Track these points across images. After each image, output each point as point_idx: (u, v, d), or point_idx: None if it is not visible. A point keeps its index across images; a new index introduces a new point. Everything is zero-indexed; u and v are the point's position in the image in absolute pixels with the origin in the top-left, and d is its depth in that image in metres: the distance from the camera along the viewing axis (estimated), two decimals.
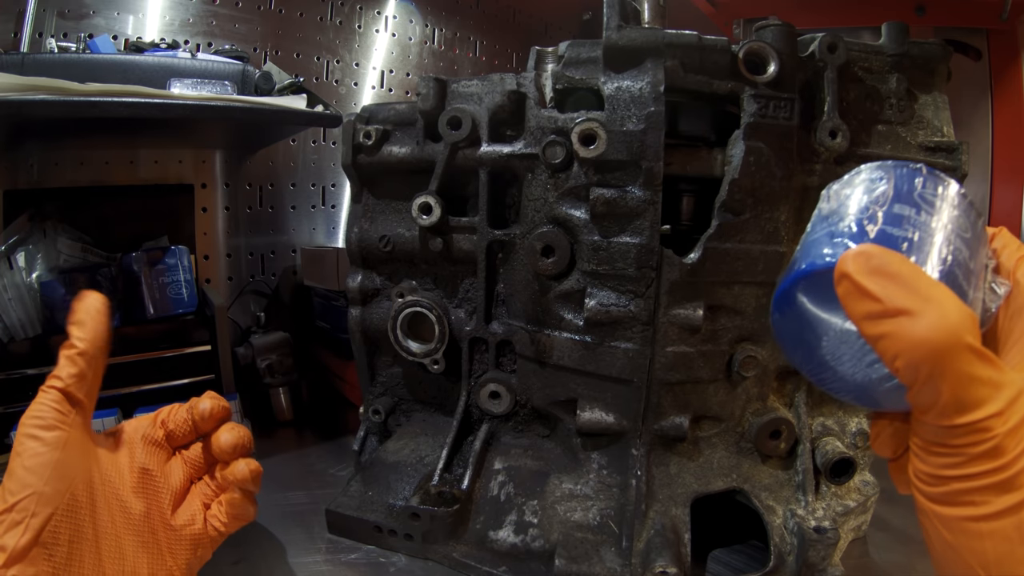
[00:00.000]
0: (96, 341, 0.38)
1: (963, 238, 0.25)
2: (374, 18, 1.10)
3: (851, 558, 0.49)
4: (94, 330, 0.38)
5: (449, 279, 0.56)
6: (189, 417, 0.45)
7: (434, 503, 0.47)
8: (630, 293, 0.45)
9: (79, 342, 0.38)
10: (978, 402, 0.22)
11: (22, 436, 0.36)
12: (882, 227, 0.24)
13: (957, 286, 0.23)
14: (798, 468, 0.48)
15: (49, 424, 0.36)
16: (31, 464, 0.35)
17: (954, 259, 0.24)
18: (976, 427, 0.21)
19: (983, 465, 0.22)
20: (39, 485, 0.35)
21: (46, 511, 0.35)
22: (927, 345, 0.21)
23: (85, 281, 0.74)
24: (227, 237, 0.98)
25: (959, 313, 0.22)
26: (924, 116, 0.51)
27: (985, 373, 0.22)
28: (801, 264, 0.26)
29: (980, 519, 0.22)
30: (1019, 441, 0.21)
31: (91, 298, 0.39)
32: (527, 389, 0.52)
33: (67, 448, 0.36)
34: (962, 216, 0.25)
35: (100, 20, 0.84)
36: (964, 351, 0.21)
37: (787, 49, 0.44)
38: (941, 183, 0.26)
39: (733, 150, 0.44)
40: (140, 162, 0.89)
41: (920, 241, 0.24)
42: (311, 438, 0.77)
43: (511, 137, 0.50)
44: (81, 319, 0.38)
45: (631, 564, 0.43)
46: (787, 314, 0.27)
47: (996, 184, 0.90)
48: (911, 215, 0.25)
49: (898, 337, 0.22)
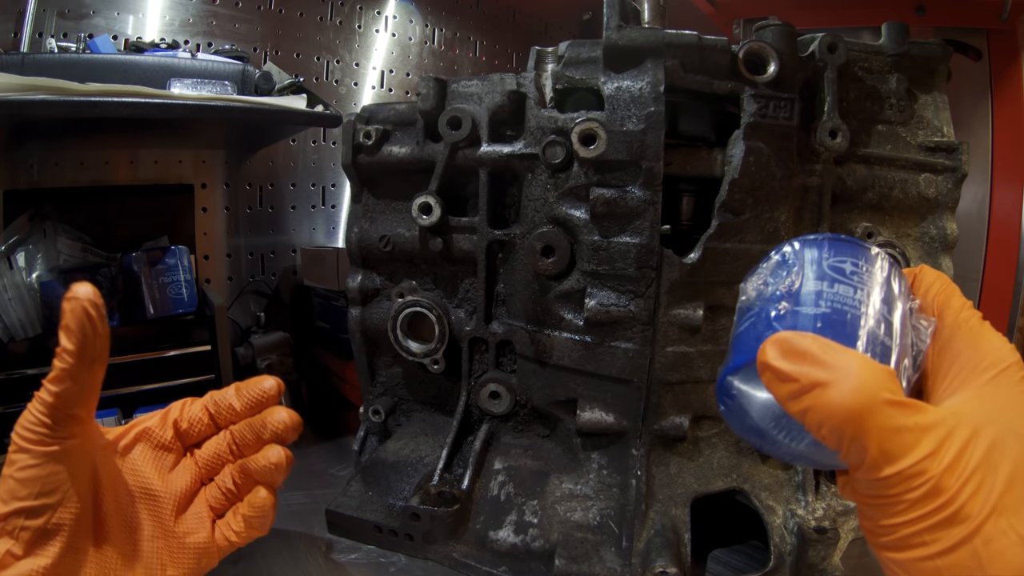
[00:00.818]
0: (87, 349, 0.34)
1: (880, 294, 0.26)
2: (374, 18, 1.10)
3: (851, 558, 0.49)
4: (82, 337, 0.33)
5: (449, 279, 0.56)
6: (205, 412, 0.43)
7: (434, 503, 0.47)
8: (630, 293, 0.45)
9: (69, 342, 0.33)
10: (905, 449, 0.22)
11: (13, 448, 0.34)
12: (795, 309, 0.27)
13: (877, 343, 0.25)
14: (798, 468, 0.48)
15: (38, 438, 0.34)
16: (21, 476, 0.34)
17: (871, 318, 0.26)
18: (907, 473, 0.22)
19: (925, 507, 0.22)
20: (30, 500, 0.33)
21: (40, 523, 0.34)
22: (843, 409, 0.23)
23: (85, 281, 0.74)
24: (227, 237, 0.98)
25: (871, 373, 0.23)
26: (924, 116, 0.51)
27: (909, 421, 0.23)
28: (730, 360, 0.28)
29: (934, 556, 0.22)
30: (958, 475, 0.22)
31: (77, 300, 0.33)
32: (527, 389, 0.52)
33: (60, 460, 0.34)
34: (875, 274, 0.27)
35: (100, 20, 0.84)
36: (881, 406, 0.23)
37: (787, 49, 0.44)
38: (848, 247, 0.28)
39: (733, 150, 0.44)
40: (140, 162, 0.89)
41: (833, 313, 0.26)
42: (311, 438, 0.77)
43: (511, 137, 0.50)
44: (68, 324, 0.33)
45: (631, 564, 0.43)
46: (730, 402, 0.29)
47: (996, 184, 0.90)
48: (823, 289, 0.27)
49: (817, 408, 0.24)
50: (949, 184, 0.52)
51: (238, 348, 0.81)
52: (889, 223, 0.52)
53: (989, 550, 0.21)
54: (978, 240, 0.84)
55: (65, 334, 0.33)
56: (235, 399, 0.44)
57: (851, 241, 0.28)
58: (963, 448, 0.22)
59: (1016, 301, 0.80)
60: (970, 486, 0.22)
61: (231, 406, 0.43)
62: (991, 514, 0.21)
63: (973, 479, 0.22)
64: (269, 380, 0.44)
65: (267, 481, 0.43)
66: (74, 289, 0.34)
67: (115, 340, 0.39)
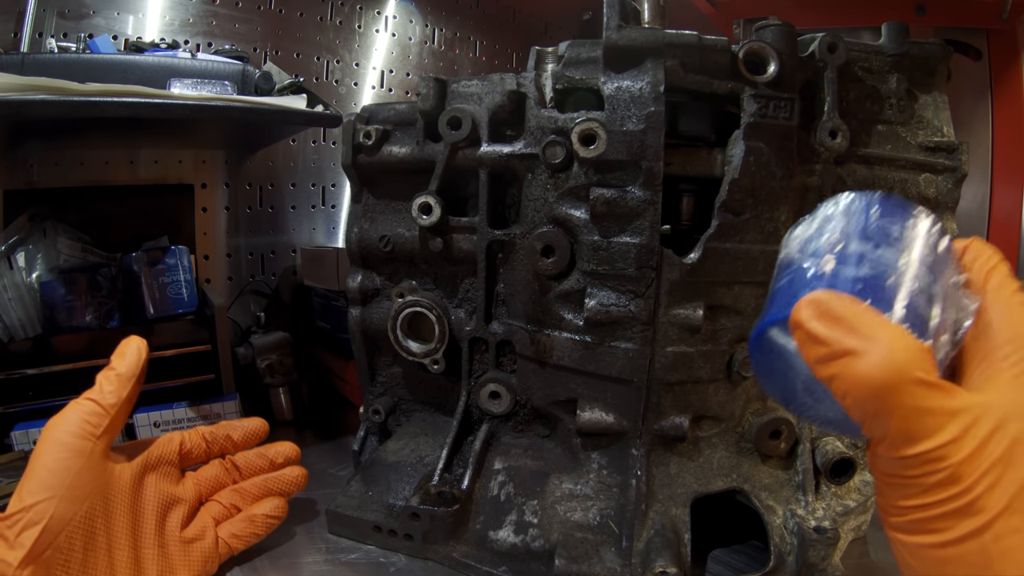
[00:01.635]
0: (134, 369, 0.42)
1: (924, 263, 0.25)
2: (374, 18, 1.10)
3: (851, 558, 0.49)
4: (134, 361, 0.42)
5: (449, 279, 0.56)
6: (202, 439, 0.49)
7: (434, 503, 0.47)
8: (630, 293, 0.45)
9: (119, 366, 0.41)
10: (928, 432, 0.22)
11: (49, 439, 0.37)
12: (836, 268, 0.25)
13: (917, 315, 0.24)
14: (798, 468, 0.48)
15: (78, 432, 0.38)
16: (55, 467, 0.36)
17: (913, 288, 0.25)
18: (927, 457, 0.22)
19: (940, 493, 0.22)
20: (60, 489, 0.35)
21: (65, 515, 0.35)
22: (871, 383, 0.22)
23: (85, 281, 0.74)
24: (227, 237, 0.98)
25: (905, 349, 0.23)
26: (924, 116, 0.51)
27: (936, 403, 0.22)
28: (766, 314, 0.27)
29: (943, 545, 0.22)
30: (977, 466, 0.21)
31: (135, 339, 0.43)
32: (527, 389, 0.52)
33: (91, 459, 0.38)
34: (921, 239, 0.26)
35: (100, 20, 0.84)
36: (910, 385, 0.22)
37: (787, 49, 0.44)
38: (898, 210, 0.26)
39: (733, 150, 0.44)
40: (140, 162, 0.89)
41: (874, 277, 0.25)
42: (311, 438, 0.77)
43: (511, 137, 0.50)
44: (123, 351, 0.42)
45: (631, 564, 0.43)
46: (761, 358, 0.28)
47: (996, 184, 0.90)
48: (867, 251, 0.25)
49: (845, 377, 0.23)
50: (949, 184, 0.52)
51: (238, 348, 0.81)
52: None
53: (998, 547, 0.21)
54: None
55: (118, 356, 0.42)
56: (232, 432, 0.51)
57: (903, 203, 0.26)
58: (986, 439, 0.22)
59: None
60: (988, 479, 0.21)
61: (228, 436, 0.50)
62: (1005, 510, 0.21)
63: (992, 472, 0.21)
64: (257, 421, 0.52)
65: (285, 493, 0.50)
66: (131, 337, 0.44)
67: (115, 340, 0.44)
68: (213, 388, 0.75)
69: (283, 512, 0.49)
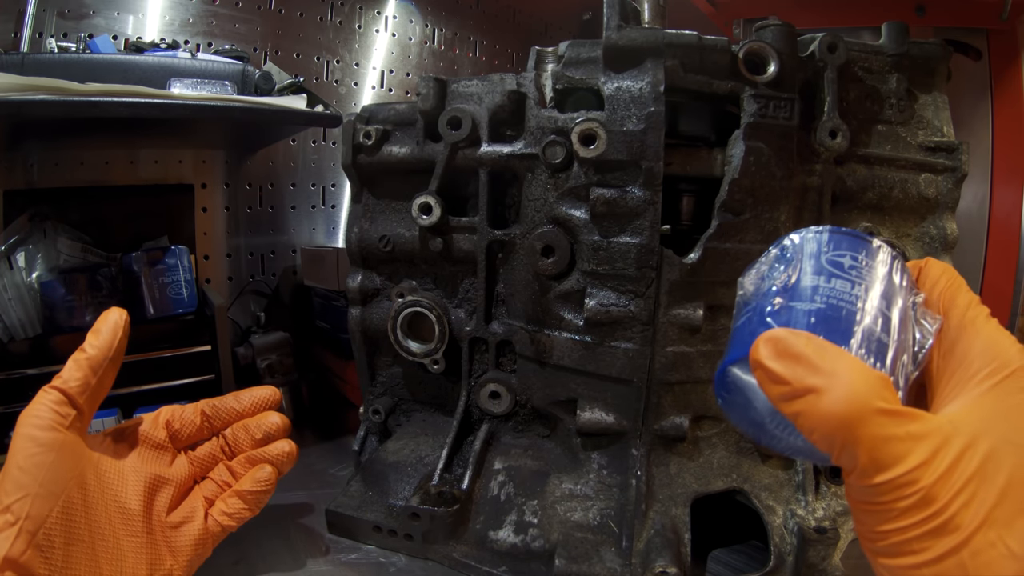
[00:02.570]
0: (107, 351, 0.38)
1: (880, 289, 0.26)
2: (374, 18, 1.10)
3: (851, 558, 0.49)
4: (108, 341, 0.39)
5: (449, 279, 0.56)
6: (198, 415, 0.45)
7: (434, 503, 0.47)
8: (630, 293, 0.45)
9: (90, 348, 0.38)
10: (896, 459, 0.22)
11: (19, 436, 0.35)
12: (790, 304, 0.26)
13: (873, 340, 0.25)
14: (798, 468, 0.48)
15: (46, 424, 0.36)
16: (26, 465, 0.34)
17: (868, 315, 0.25)
18: (898, 483, 0.22)
19: (915, 516, 0.22)
20: (33, 487, 0.34)
21: (40, 513, 0.34)
22: (834, 418, 0.23)
23: (85, 281, 0.74)
24: (227, 237, 0.98)
25: (864, 380, 0.23)
26: (924, 116, 0.51)
27: (901, 430, 0.22)
28: (728, 354, 0.27)
29: (922, 565, 0.22)
30: (950, 485, 0.22)
31: (114, 312, 0.40)
32: (527, 389, 0.52)
33: (62, 450, 0.36)
34: (875, 268, 0.26)
35: (100, 20, 0.84)
36: (873, 415, 0.22)
37: (787, 49, 0.44)
38: (850, 241, 0.27)
39: (733, 150, 0.44)
40: (140, 162, 0.89)
41: (829, 309, 0.25)
42: (311, 438, 0.77)
43: (511, 137, 0.50)
44: (98, 328, 0.39)
45: (631, 564, 0.43)
46: (728, 396, 0.28)
47: (996, 184, 0.90)
48: (820, 284, 0.26)
49: (809, 415, 0.23)
50: (949, 184, 0.52)
51: (238, 348, 0.81)
52: (889, 223, 0.52)
53: (976, 562, 0.21)
54: (978, 240, 0.84)
55: (93, 333, 0.39)
56: (234, 402, 0.47)
57: (852, 234, 0.27)
58: (958, 458, 0.22)
59: (1016, 301, 0.80)
60: (962, 496, 0.22)
61: (232, 408, 0.46)
62: (981, 526, 0.21)
63: (966, 490, 0.22)
64: (267, 388, 0.48)
65: (275, 464, 0.46)
66: (111, 309, 0.40)
67: None
68: (213, 388, 0.75)
69: (271, 483, 0.45)
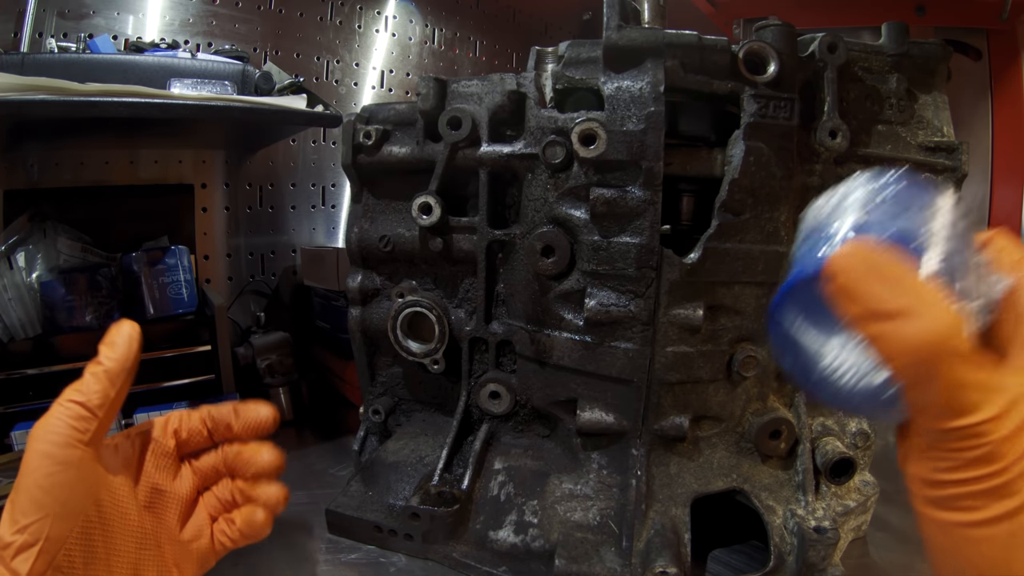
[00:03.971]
0: (124, 363, 0.37)
1: (954, 237, 0.25)
2: (374, 18, 1.10)
3: (851, 558, 0.49)
4: (124, 353, 0.37)
5: (449, 279, 0.55)
6: (203, 425, 0.44)
7: (434, 503, 0.47)
8: (630, 293, 0.45)
9: (107, 360, 0.37)
10: (972, 407, 0.21)
11: (35, 452, 0.34)
12: (862, 232, 0.24)
13: (949, 286, 0.23)
14: (798, 468, 0.48)
15: (65, 441, 0.34)
16: (46, 484, 0.33)
17: (946, 259, 0.24)
18: (969, 432, 0.21)
19: (977, 470, 0.21)
20: (54, 507, 0.33)
21: (61, 533, 0.33)
22: (921, 349, 0.21)
23: (85, 281, 0.74)
24: (227, 237, 0.98)
25: (952, 318, 0.22)
26: (924, 116, 0.51)
27: (980, 377, 0.21)
28: (793, 272, 0.26)
29: (974, 524, 0.22)
30: (1015, 446, 0.21)
31: (127, 325, 0.39)
32: (527, 389, 0.52)
33: (81, 468, 0.35)
34: (947, 211, 0.25)
35: (100, 20, 0.84)
36: (957, 356, 0.21)
37: (787, 49, 0.44)
38: (921, 184, 0.26)
39: (733, 150, 0.44)
40: (140, 162, 0.89)
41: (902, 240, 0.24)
42: (311, 438, 0.77)
43: (511, 137, 0.50)
44: (113, 340, 0.38)
45: (631, 564, 0.43)
46: (782, 327, 0.27)
47: (996, 184, 0.90)
48: (891, 218, 0.25)
49: (891, 340, 0.22)
50: (949, 184, 0.52)
51: (238, 348, 0.81)
52: None
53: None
54: None
55: (108, 345, 0.38)
56: (233, 419, 0.45)
57: (924, 179, 0.26)
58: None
59: None
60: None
61: (228, 426, 0.44)
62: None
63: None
64: (266, 408, 0.45)
65: (267, 507, 0.44)
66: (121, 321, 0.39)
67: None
68: (213, 388, 0.75)
69: (266, 526, 0.44)
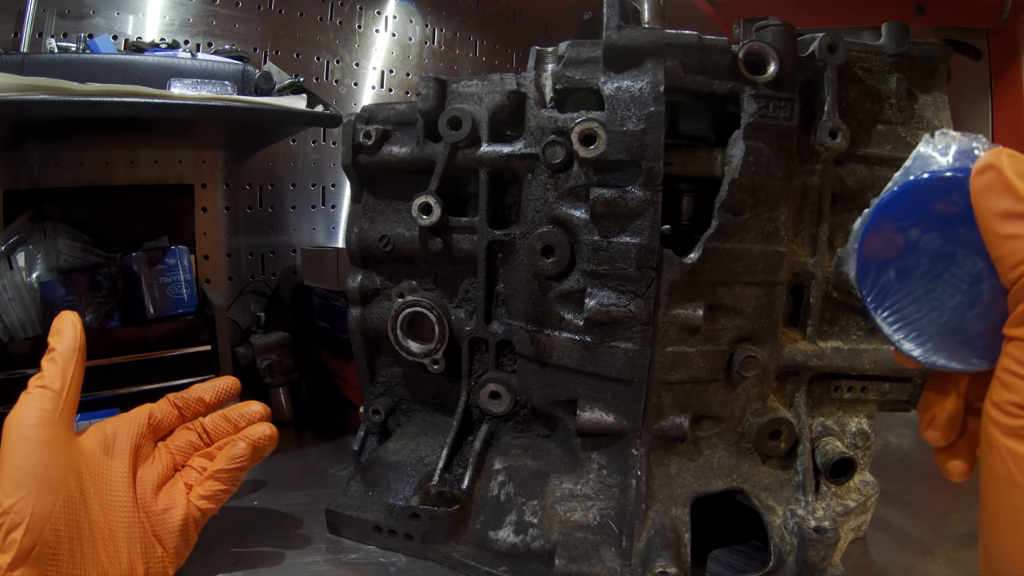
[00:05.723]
0: (72, 345, 0.41)
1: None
2: (374, 18, 1.10)
3: (851, 558, 0.49)
4: (71, 338, 0.42)
5: (449, 279, 0.56)
6: (172, 406, 0.48)
7: (434, 503, 0.47)
8: (630, 293, 0.45)
9: (58, 346, 0.41)
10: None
11: (10, 438, 0.36)
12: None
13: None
14: (798, 468, 0.48)
15: (37, 422, 0.37)
16: (23, 464, 0.35)
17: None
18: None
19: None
20: (34, 484, 0.35)
21: (44, 509, 0.35)
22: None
23: (85, 281, 0.74)
24: (227, 237, 0.98)
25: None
26: (924, 116, 0.51)
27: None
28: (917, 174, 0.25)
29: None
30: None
31: (68, 314, 0.43)
32: (527, 389, 0.52)
33: (56, 445, 0.37)
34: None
35: (100, 20, 0.84)
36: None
37: (787, 49, 0.44)
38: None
39: (733, 150, 0.44)
40: (140, 162, 0.89)
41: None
42: (311, 438, 0.77)
43: (511, 137, 0.50)
44: (59, 329, 0.42)
45: (631, 564, 0.43)
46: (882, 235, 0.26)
47: None
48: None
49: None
50: None
51: (238, 348, 0.81)
52: None
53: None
54: None
55: (55, 334, 0.42)
56: (204, 393, 0.50)
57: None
58: None
59: None
60: None
61: (200, 399, 0.49)
62: None
63: None
64: (231, 378, 0.51)
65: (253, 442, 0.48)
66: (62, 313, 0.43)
67: (115, 340, 0.44)
68: None
69: (245, 459, 0.46)
